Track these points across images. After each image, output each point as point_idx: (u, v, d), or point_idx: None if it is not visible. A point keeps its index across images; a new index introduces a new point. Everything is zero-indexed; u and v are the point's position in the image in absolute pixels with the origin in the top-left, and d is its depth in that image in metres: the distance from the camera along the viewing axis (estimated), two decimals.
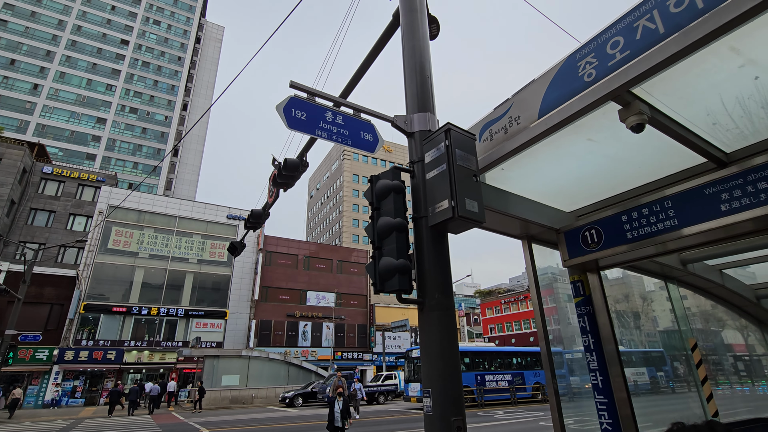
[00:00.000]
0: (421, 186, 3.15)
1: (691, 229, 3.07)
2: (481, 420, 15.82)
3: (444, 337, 2.73)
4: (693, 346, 5.50)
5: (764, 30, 2.17)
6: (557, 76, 2.93)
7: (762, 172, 2.73)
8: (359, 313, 42.68)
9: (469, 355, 22.32)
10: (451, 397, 2.57)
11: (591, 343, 3.83)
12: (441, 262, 2.97)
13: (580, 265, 3.97)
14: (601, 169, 3.64)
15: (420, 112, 3.47)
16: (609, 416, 3.57)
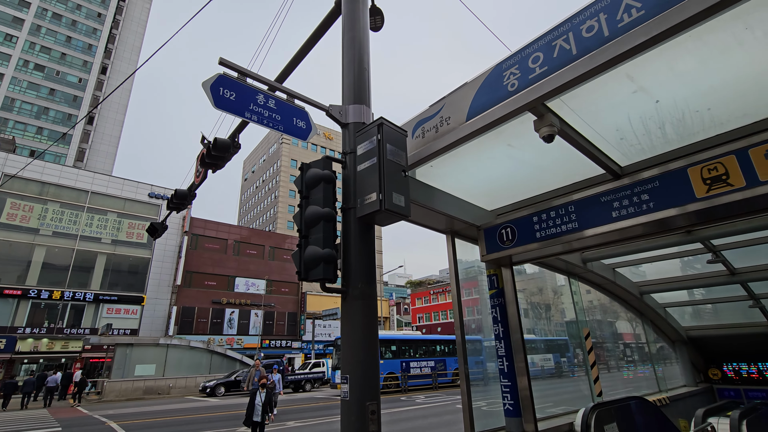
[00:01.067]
0: (352, 177, 3.19)
1: (589, 232, 3.46)
2: (403, 404, 16.48)
3: (365, 325, 2.82)
4: (586, 334, 6.21)
5: (654, 63, 2.50)
6: (485, 83, 3.11)
7: (646, 185, 3.15)
8: (290, 300, 41.97)
9: (396, 342, 23.07)
10: (368, 383, 2.67)
11: (501, 332, 4.17)
12: (367, 253, 3.05)
13: (496, 260, 4.29)
14: (519, 173, 3.94)
15: (356, 103, 3.49)
16: (511, 398, 3.94)
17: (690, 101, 2.88)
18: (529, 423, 3.84)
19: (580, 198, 3.56)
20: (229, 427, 12.07)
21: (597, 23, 2.45)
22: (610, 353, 28.72)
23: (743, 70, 2.54)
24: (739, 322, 7.52)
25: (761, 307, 6.78)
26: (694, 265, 6.84)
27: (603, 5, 2.45)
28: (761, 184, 2.58)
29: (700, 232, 4.74)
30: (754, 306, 6.74)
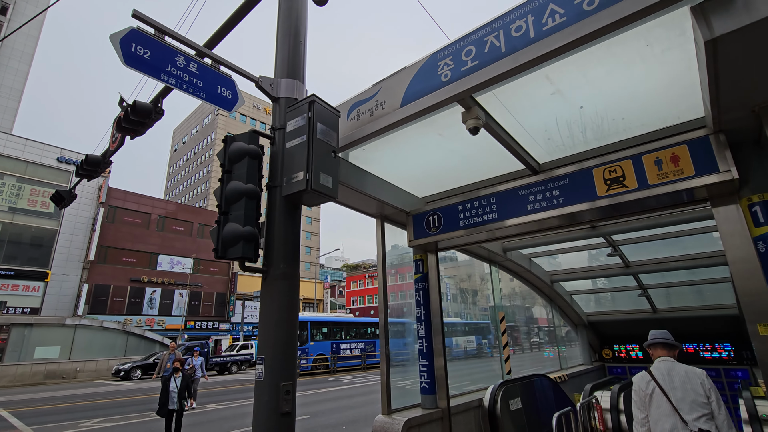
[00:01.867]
0: (280, 154, 3.08)
1: (508, 222, 3.69)
2: (331, 385, 16.70)
3: (285, 306, 2.78)
4: (501, 318, 6.70)
5: (570, 68, 2.68)
6: (421, 70, 3.13)
7: (558, 182, 3.41)
8: (219, 281, 40.15)
9: (328, 325, 23.21)
10: (284, 364, 2.65)
11: (422, 314, 4.34)
12: (291, 233, 2.98)
13: (423, 246, 4.44)
14: (449, 162, 4.07)
15: (289, 78, 3.35)
16: (428, 377, 4.14)
17: (602, 108, 3.15)
18: (442, 399, 4.08)
19: (502, 190, 3.78)
20: (142, 412, 11.40)
21: (525, 24, 2.55)
22: (525, 336, 31.29)
23: (642, 83, 2.82)
24: (629, 308, 8.56)
25: (647, 296, 7.76)
26: (597, 258, 7.62)
27: (532, 7, 2.56)
28: (650, 186, 2.92)
29: (602, 228, 5.27)
30: (642, 295, 7.69)
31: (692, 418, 2.79)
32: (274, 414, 2.55)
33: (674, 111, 3.02)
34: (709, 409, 2.82)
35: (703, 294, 8.20)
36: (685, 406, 2.84)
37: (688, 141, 2.84)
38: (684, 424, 2.80)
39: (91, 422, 10.21)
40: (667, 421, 2.88)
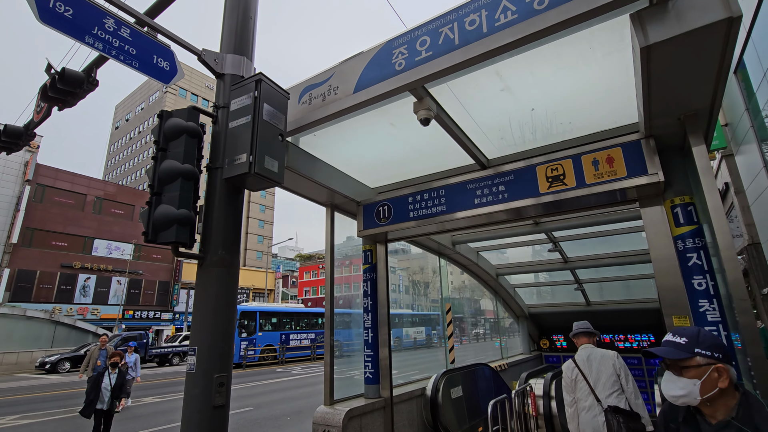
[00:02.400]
0: (223, 134, 2.90)
1: (456, 215, 3.74)
2: (278, 376, 16.42)
3: (221, 294, 2.64)
4: (448, 309, 6.87)
5: (519, 63, 2.73)
6: (376, 57, 3.06)
7: (504, 178, 3.50)
8: (163, 268, 38.03)
9: (277, 315, 22.74)
10: (217, 355, 2.52)
11: (369, 305, 4.33)
12: (231, 218, 2.83)
13: (372, 236, 4.41)
14: (401, 153, 4.05)
15: (235, 53, 3.16)
16: (372, 367, 4.15)
17: (550, 109, 3.25)
18: (385, 389, 4.10)
19: (451, 183, 3.82)
20: (69, 407, 10.58)
21: (479, 18, 2.56)
22: (471, 326, 32.45)
23: (584, 86, 2.94)
24: (566, 301, 9.10)
25: (582, 290, 8.28)
26: (540, 253, 8.01)
27: (486, 2, 2.57)
28: (587, 185, 3.06)
29: (545, 224, 5.52)
30: (578, 289, 8.20)
31: (605, 395, 3.32)
32: (205, 407, 2.42)
33: (612, 115, 3.18)
34: (619, 385, 3.34)
35: (630, 289, 8.89)
36: (600, 385, 3.38)
37: (623, 144, 3.01)
38: (598, 401, 3.33)
39: (7, 419, 9.32)
40: (586, 400, 3.40)
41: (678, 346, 1.46)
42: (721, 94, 2.39)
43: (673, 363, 1.46)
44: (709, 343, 1.43)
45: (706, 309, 2.69)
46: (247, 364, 19.75)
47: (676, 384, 1.44)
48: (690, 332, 1.48)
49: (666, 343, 1.51)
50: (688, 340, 1.46)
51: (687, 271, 2.82)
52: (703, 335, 1.46)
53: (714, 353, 1.41)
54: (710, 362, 1.40)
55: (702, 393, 1.39)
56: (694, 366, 1.42)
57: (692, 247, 2.82)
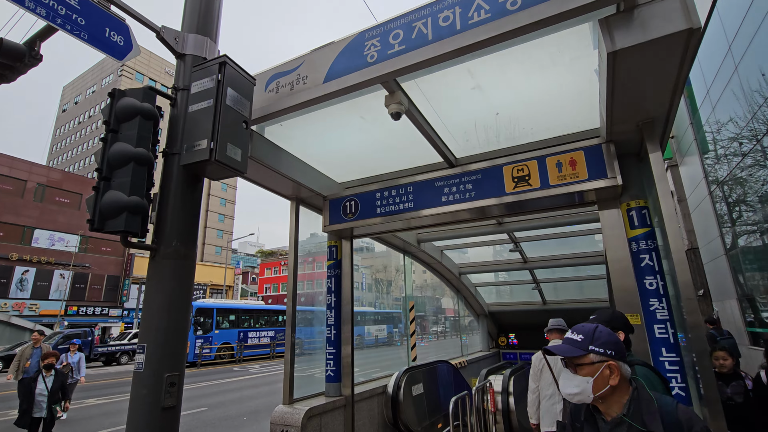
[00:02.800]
0: (182, 118, 2.72)
1: (423, 212, 3.74)
2: (235, 375, 15.92)
3: (175, 289, 2.47)
4: (411, 307, 6.90)
5: (490, 63, 2.75)
6: (347, 48, 2.99)
7: (471, 177, 3.53)
8: (112, 262, 35.86)
9: (236, 312, 22.05)
10: (169, 353, 2.36)
11: (333, 302, 4.25)
12: (189, 208, 2.66)
13: (338, 232, 4.33)
14: (370, 149, 4.00)
15: (198, 34, 2.97)
16: (334, 365, 4.07)
17: (516, 111, 3.31)
18: (347, 387, 4.04)
19: (419, 181, 3.81)
20: (1, 411, 9.73)
21: (453, 15, 2.55)
22: (433, 324, 32.94)
23: (552, 88, 3.02)
24: (524, 300, 9.41)
25: (539, 290, 8.59)
26: (501, 253, 8.22)
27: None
28: (550, 186, 3.14)
29: (507, 224, 5.65)
30: (535, 288, 8.49)
31: None
32: (154, 408, 2.26)
33: (576, 119, 3.28)
34: None
35: (583, 289, 9.33)
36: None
37: (585, 148, 3.11)
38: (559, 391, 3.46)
39: None
40: (549, 388, 3.74)
41: (574, 344, 1.44)
42: (677, 103, 2.52)
43: (570, 361, 1.44)
44: (603, 341, 1.40)
45: (656, 308, 2.83)
46: (202, 363, 19.00)
47: (572, 382, 1.42)
48: (587, 330, 1.45)
49: (565, 340, 1.48)
50: (584, 337, 1.43)
51: (639, 271, 2.96)
52: (598, 332, 1.43)
53: (607, 350, 1.38)
54: (603, 359, 1.37)
55: (594, 390, 1.37)
56: (587, 363, 1.39)
57: (645, 249, 2.96)
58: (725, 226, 10.91)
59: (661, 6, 1.99)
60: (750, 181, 9.35)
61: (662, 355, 2.75)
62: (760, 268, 9.54)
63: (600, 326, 1.46)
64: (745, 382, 3.54)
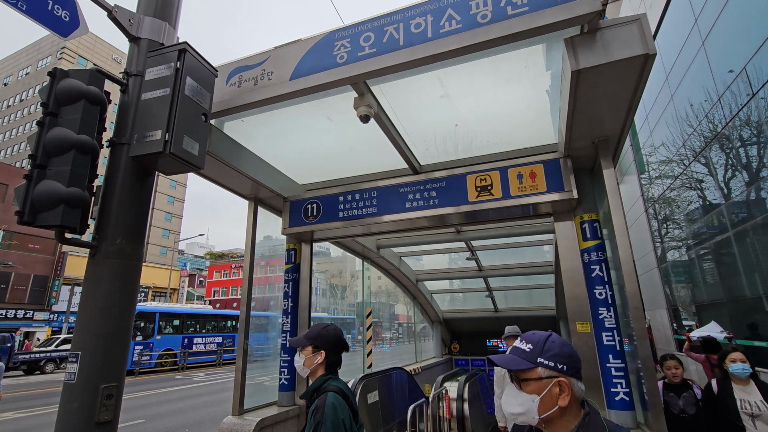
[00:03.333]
0: (133, 106, 2.51)
1: (386, 218, 3.71)
2: (178, 383, 14.98)
3: (117, 291, 2.25)
4: (368, 313, 6.85)
5: (460, 72, 2.79)
6: (316, 47, 2.92)
7: (436, 184, 3.56)
8: (40, 260, 32.70)
9: (180, 317, 20.83)
10: (107, 362, 2.14)
11: (290, 307, 4.10)
12: (137, 203, 2.45)
13: (298, 235, 4.20)
14: (334, 151, 3.92)
15: (156, 17, 2.78)
16: (288, 372, 3.92)
17: (479, 122, 3.38)
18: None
19: (383, 186, 3.79)
20: None
21: (424, 22, 2.56)
22: (387, 330, 32.98)
23: (517, 102, 3.11)
24: (477, 307, 9.65)
25: (492, 297, 8.85)
26: (456, 261, 8.39)
27: (432, 8, 2.58)
28: (511, 197, 3.23)
29: (465, 233, 5.77)
30: (488, 296, 8.74)
31: None
32: (87, 423, 2.03)
33: (537, 133, 3.41)
34: None
35: (532, 297, 9.74)
36: None
37: (544, 161, 3.24)
38: None
39: None
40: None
41: (521, 354, 1.21)
42: (630, 124, 2.68)
43: (515, 374, 1.22)
44: (555, 352, 1.17)
45: (604, 316, 2.98)
46: (140, 371, 17.73)
47: (515, 399, 1.19)
48: (537, 338, 1.22)
49: (513, 349, 1.26)
50: (533, 347, 1.20)
51: (590, 281, 3.11)
52: (550, 342, 1.20)
53: (558, 364, 1.15)
54: (552, 375, 1.15)
55: (540, 411, 1.15)
56: (534, 378, 1.16)
57: (596, 260, 3.12)
58: (657, 241, 11.86)
59: (621, 31, 2.11)
60: (678, 201, 10.24)
61: (609, 361, 2.89)
62: (685, 281, 10.45)
63: (554, 335, 1.24)
64: (695, 392, 3.44)
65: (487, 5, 2.36)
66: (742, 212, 7.13)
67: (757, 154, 6.61)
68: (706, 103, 7.81)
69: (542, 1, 2.20)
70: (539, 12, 2.16)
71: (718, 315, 8.35)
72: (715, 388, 3.29)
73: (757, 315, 6.88)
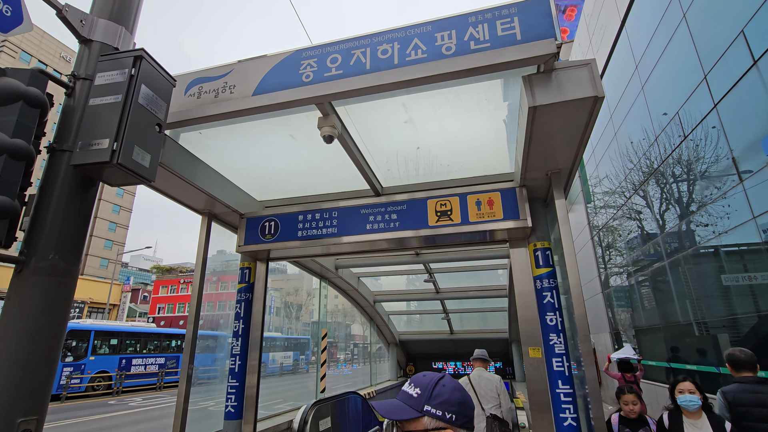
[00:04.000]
0: (79, 111, 2.35)
1: (345, 239, 3.67)
2: (111, 409, 13.72)
3: (46, 313, 2.03)
4: (324, 335, 6.67)
5: (422, 100, 2.86)
6: (282, 64, 2.90)
7: (397, 207, 3.58)
8: None
9: (119, 335, 19.28)
10: (27, 393, 1.90)
11: (241, 329, 3.91)
12: (76, 216, 2.26)
13: (253, 253, 4.05)
14: (295, 169, 3.86)
15: (112, 21, 2.64)
16: (236, 399, 3.70)
17: (441, 149, 3.47)
18: (248, 424, 3.68)
19: (344, 206, 3.76)
20: None
21: (391, 49, 2.62)
22: (342, 351, 32.31)
23: (476, 131, 3.23)
24: (433, 329, 9.70)
25: (448, 320, 8.93)
26: (414, 282, 8.44)
27: (399, 36, 2.65)
28: (470, 223, 3.31)
29: (424, 255, 5.83)
30: (444, 318, 8.82)
31: (488, 407, 4.39)
32: None
33: (495, 162, 3.55)
34: (498, 401, 4.44)
35: (486, 320, 9.94)
36: (485, 399, 4.44)
37: (501, 190, 3.36)
38: (483, 411, 4.36)
39: None
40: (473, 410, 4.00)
41: (409, 401, 1.06)
42: (580, 158, 2.85)
43: (400, 426, 1.06)
44: (444, 399, 1.03)
45: (554, 342, 3.08)
46: (68, 395, 16.10)
47: None
48: (427, 382, 1.07)
49: (400, 394, 1.11)
50: (421, 392, 1.05)
51: (542, 307, 3.21)
52: (440, 387, 1.05)
53: (446, 413, 1.02)
54: (439, 426, 1.01)
55: None
56: (420, 430, 1.02)
57: (547, 287, 3.23)
58: (602, 267, 12.58)
59: (574, 73, 2.26)
60: (620, 230, 10.98)
61: (558, 387, 2.97)
62: (626, 306, 11.11)
63: (446, 378, 1.09)
64: (651, 428, 3.29)
65: (452, 38, 2.46)
66: (675, 242, 7.75)
67: (687, 190, 7.26)
68: (645, 141, 8.52)
69: (503, 40, 2.32)
70: (500, 49, 2.28)
71: (655, 339, 8.91)
72: (666, 422, 3.04)
73: (689, 339, 7.41)
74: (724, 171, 5.90)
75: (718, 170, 6.04)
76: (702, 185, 6.58)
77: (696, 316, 7.07)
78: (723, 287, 6.24)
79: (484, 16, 2.45)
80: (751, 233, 5.41)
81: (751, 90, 5.16)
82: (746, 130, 5.38)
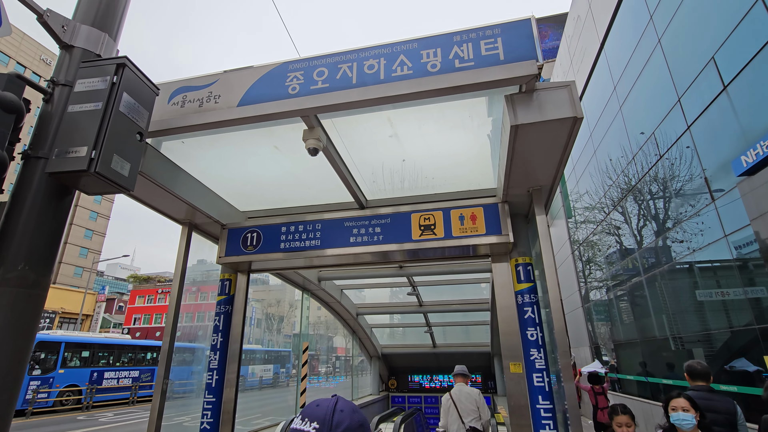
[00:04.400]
0: (57, 117, 2.29)
1: (329, 251, 3.64)
2: (79, 426, 13.11)
3: (12, 326, 1.95)
4: (305, 348, 6.57)
5: (407, 115, 2.89)
6: (268, 76, 2.90)
7: (381, 220, 3.58)
8: None
9: (91, 347, 18.56)
10: None
11: (219, 343, 3.82)
12: (49, 225, 2.18)
13: (234, 265, 3.98)
14: (279, 180, 3.84)
15: (95, 27, 2.61)
16: (212, 416, 3.59)
17: (426, 162, 3.50)
18: None
19: (328, 219, 3.75)
20: None
21: (378, 64, 2.66)
22: (324, 364, 31.75)
23: (460, 148, 3.28)
24: (416, 343, 9.65)
25: (431, 333, 8.91)
26: (397, 295, 8.41)
27: (385, 52, 2.69)
28: (453, 237, 3.33)
29: (408, 268, 5.83)
30: (428, 332, 8.79)
31: (468, 420, 4.56)
32: None
33: (478, 178, 3.60)
34: (478, 414, 4.61)
35: (469, 333, 9.95)
36: (465, 412, 4.60)
37: (484, 205, 3.40)
38: (463, 424, 4.55)
39: None
40: (454, 423, 4.58)
41: None
42: (561, 175, 2.92)
43: None
44: (346, 425, 0.91)
45: (535, 357, 3.10)
46: (34, 410, 15.35)
47: None
48: (324, 413, 0.93)
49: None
50: (320, 426, 0.91)
51: (523, 322, 3.23)
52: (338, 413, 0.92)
53: None
54: None
55: None
56: None
57: (528, 302, 3.26)
58: (582, 281, 12.79)
59: (554, 94, 2.32)
60: (600, 245, 11.21)
61: (539, 402, 2.98)
62: (605, 320, 11.29)
63: (340, 401, 0.96)
64: None
65: (437, 56, 2.50)
66: (651, 258, 7.95)
67: (663, 207, 7.48)
68: (623, 159, 8.78)
69: (486, 59, 2.37)
70: (483, 69, 2.33)
71: (633, 353, 9.06)
72: None
73: (665, 353, 7.55)
74: (697, 189, 6.11)
75: (692, 188, 6.26)
76: (677, 203, 6.81)
77: (672, 331, 7.23)
78: (697, 303, 6.41)
79: (469, 36, 2.51)
80: (723, 250, 5.60)
81: (721, 113, 5.39)
82: (718, 152, 5.61)
